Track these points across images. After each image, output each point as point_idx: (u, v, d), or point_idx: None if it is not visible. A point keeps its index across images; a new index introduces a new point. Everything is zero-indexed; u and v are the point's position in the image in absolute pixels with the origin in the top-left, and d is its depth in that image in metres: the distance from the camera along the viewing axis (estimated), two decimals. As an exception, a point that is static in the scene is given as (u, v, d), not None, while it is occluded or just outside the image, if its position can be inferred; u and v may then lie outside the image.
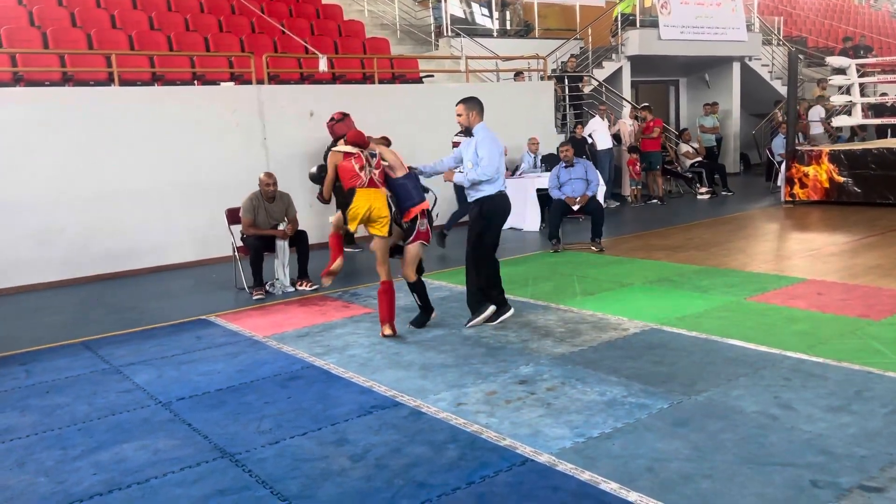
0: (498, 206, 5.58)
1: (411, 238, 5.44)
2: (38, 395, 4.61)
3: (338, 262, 5.49)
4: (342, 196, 5.43)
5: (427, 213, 5.48)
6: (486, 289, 5.64)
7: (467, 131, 5.60)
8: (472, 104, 5.55)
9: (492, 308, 5.61)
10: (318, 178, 5.70)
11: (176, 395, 4.46)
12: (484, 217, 5.55)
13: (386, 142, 6.14)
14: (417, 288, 5.60)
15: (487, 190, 5.51)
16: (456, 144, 9.92)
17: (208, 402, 4.32)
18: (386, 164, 5.47)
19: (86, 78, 9.01)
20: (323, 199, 5.54)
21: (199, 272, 8.43)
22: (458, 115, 5.55)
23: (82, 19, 9.82)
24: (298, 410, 4.12)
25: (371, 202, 5.26)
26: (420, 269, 5.62)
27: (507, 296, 6.02)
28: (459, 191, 8.94)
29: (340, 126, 5.83)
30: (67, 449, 3.76)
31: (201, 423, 4.01)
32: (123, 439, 3.85)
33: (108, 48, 9.23)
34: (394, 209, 5.37)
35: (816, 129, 13.85)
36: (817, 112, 13.98)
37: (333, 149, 5.53)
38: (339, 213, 5.44)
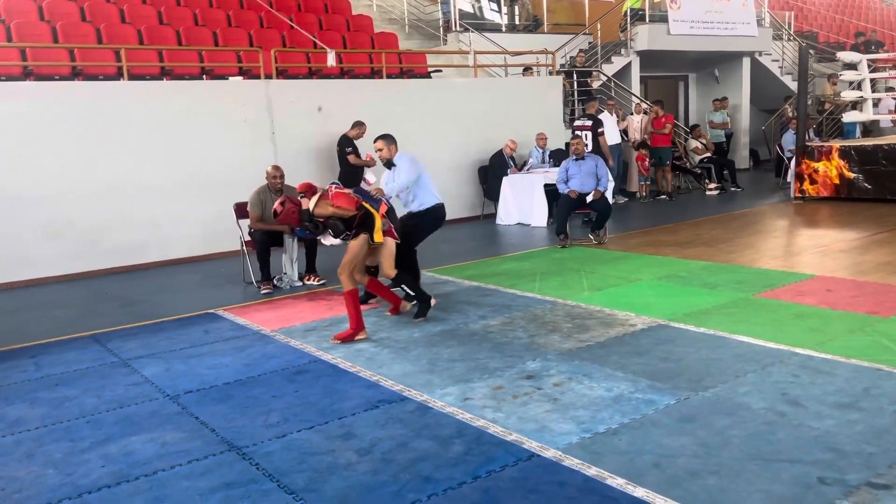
0: (433, 215, 6.38)
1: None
2: (47, 387, 4.64)
3: (361, 335, 5.34)
4: (357, 221, 5.51)
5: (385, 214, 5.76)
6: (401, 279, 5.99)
7: (388, 163, 6.19)
8: (389, 140, 6.17)
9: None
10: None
11: (184, 389, 4.48)
12: (421, 224, 6.32)
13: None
14: (404, 280, 5.73)
15: (429, 201, 6.27)
16: (578, 128, 10.85)
17: (216, 396, 4.34)
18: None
19: (95, 72, 9.04)
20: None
21: (208, 266, 8.46)
22: (380, 151, 6.14)
23: (92, 14, 9.85)
24: (305, 404, 4.13)
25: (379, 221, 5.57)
26: (374, 272, 5.94)
27: (513, 291, 6.10)
28: None
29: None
30: (76, 441, 3.79)
31: (209, 416, 4.03)
32: (131, 432, 3.87)
33: (118, 42, 9.26)
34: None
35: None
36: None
37: (316, 210, 5.62)
38: (355, 244, 5.44)
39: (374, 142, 6.21)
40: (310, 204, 5.57)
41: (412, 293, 5.75)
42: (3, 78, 8.51)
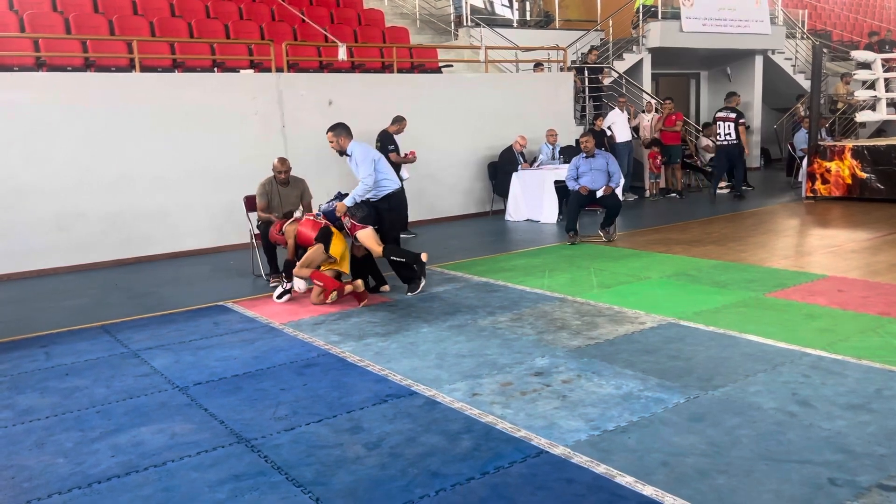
0: (397, 199, 6.69)
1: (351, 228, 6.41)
2: (57, 377, 4.66)
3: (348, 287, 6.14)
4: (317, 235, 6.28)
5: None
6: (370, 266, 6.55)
7: (342, 153, 6.41)
8: (339, 130, 6.33)
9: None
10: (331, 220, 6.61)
11: (193, 380, 4.50)
12: (391, 209, 6.60)
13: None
14: (392, 252, 6.34)
15: (389, 186, 6.50)
16: (721, 119, 11.78)
17: (225, 388, 4.35)
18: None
19: (107, 64, 9.06)
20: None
21: (217, 259, 8.48)
22: (331, 143, 6.37)
23: (104, 5, 9.88)
24: (314, 397, 4.13)
25: (343, 243, 6.35)
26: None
27: (522, 287, 6.10)
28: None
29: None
30: (86, 431, 3.81)
31: (218, 408, 4.04)
32: (141, 423, 3.89)
33: (130, 34, 9.28)
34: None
35: None
36: None
37: (286, 226, 6.50)
38: (314, 249, 6.19)
39: (326, 133, 6.39)
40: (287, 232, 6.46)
41: (402, 258, 6.25)
42: (16, 68, 8.54)
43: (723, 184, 13.15)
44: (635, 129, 12.88)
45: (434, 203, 10.82)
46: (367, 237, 6.31)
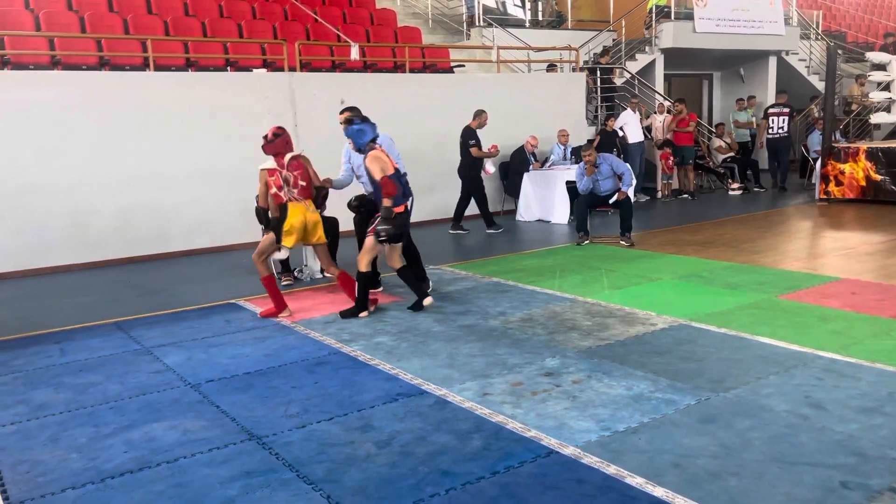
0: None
1: (369, 229, 5.76)
2: (71, 373, 4.70)
3: (285, 312, 5.85)
4: (274, 215, 5.84)
5: (398, 216, 5.71)
6: (374, 277, 6.21)
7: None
8: (356, 113, 5.99)
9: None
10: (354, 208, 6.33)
11: (205, 378, 4.53)
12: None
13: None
14: (404, 276, 5.90)
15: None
16: (773, 113, 12.50)
17: (236, 385, 4.37)
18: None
19: (121, 63, 9.13)
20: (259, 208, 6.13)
21: (229, 257, 8.53)
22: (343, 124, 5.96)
23: (119, 4, 9.95)
24: (325, 396, 4.15)
25: (305, 215, 5.74)
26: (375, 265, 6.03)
27: (533, 287, 6.09)
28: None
29: (268, 147, 5.80)
30: (100, 426, 3.84)
31: (229, 405, 4.06)
32: (154, 419, 3.91)
33: (144, 33, 9.34)
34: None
35: None
36: None
37: (261, 166, 5.92)
38: (266, 237, 5.83)
39: (340, 114, 6.10)
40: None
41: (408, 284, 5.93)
42: (31, 67, 8.62)
43: (735, 185, 13.09)
44: (647, 130, 12.84)
45: (445, 202, 10.81)
46: (369, 244, 5.76)
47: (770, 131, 13.18)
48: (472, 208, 11.12)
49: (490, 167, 9.81)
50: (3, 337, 5.56)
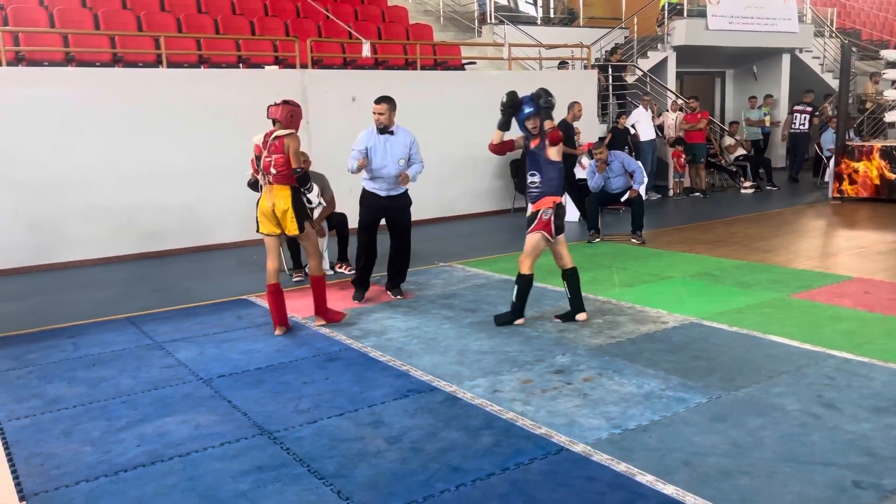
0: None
1: (532, 227, 5.27)
2: (84, 367, 4.74)
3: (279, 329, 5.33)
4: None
5: (558, 206, 5.27)
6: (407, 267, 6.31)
7: (384, 129, 5.90)
8: (393, 104, 5.92)
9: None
10: None
11: (217, 373, 4.55)
12: (409, 205, 6.19)
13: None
14: (569, 280, 5.40)
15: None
16: (798, 111, 12.87)
17: (248, 380, 4.40)
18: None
19: (134, 59, 9.18)
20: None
21: (241, 253, 8.56)
22: (380, 115, 5.83)
23: (132, 1, 10.00)
24: (336, 391, 4.17)
25: (273, 201, 5.16)
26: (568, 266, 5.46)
27: (544, 285, 6.10)
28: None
29: (272, 109, 5.33)
30: (112, 420, 3.87)
31: (241, 400, 4.09)
32: (166, 413, 3.94)
33: (157, 30, 9.39)
34: (308, 203, 5.35)
35: None
36: None
37: (254, 139, 5.47)
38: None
39: (376, 103, 5.85)
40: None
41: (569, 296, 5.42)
42: (45, 63, 8.68)
43: (747, 184, 13.02)
44: (659, 128, 12.79)
45: (456, 200, 10.83)
46: (531, 244, 5.30)
47: (793, 126, 13.98)
48: (494, 208, 11.14)
49: (585, 161, 9.69)
50: (17, 331, 5.61)
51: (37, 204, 7.88)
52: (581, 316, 5.37)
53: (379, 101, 5.86)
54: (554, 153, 5.21)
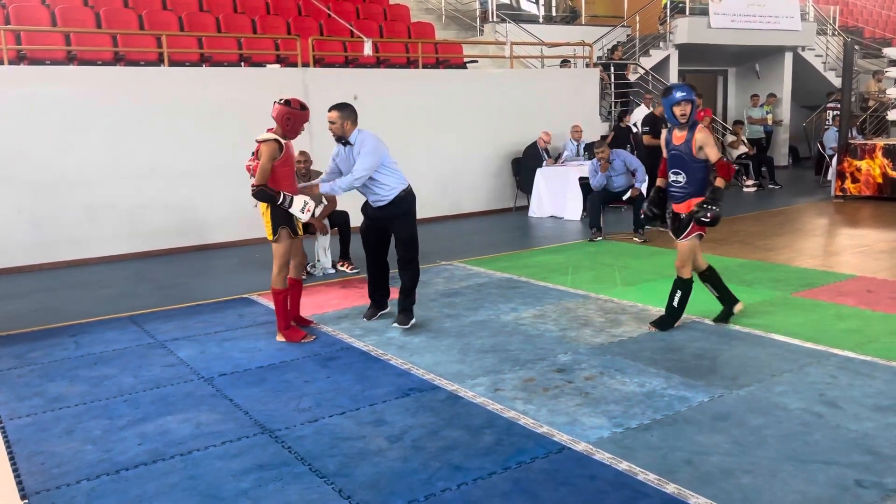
0: (412, 199, 5.34)
1: (686, 233, 4.95)
2: (86, 366, 4.74)
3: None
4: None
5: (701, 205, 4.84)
6: (411, 288, 5.37)
7: (339, 139, 5.30)
8: (348, 112, 5.28)
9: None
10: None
11: (218, 371, 4.55)
12: (409, 214, 5.29)
13: None
14: (710, 279, 5.17)
15: (399, 186, 5.22)
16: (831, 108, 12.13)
17: (249, 379, 4.40)
18: None
19: (136, 58, 9.18)
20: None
21: (243, 251, 8.56)
22: (331, 124, 5.26)
23: (134, 0, 10.00)
24: (337, 390, 4.16)
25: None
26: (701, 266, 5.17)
27: (545, 283, 6.05)
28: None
29: (273, 108, 5.19)
30: (114, 419, 3.87)
31: (242, 399, 4.09)
32: (167, 412, 3.94)
33: (159, 29, 9.39)
34: (287, 208, 4.99)
35: None
36: None
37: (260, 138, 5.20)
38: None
39: (328, 111, 5.31)
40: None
41: (717, 294, 5.13)
42: (47, 62, 8.68)
43: (749, 182, 13.00)
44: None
45: (458, 199, 10.82)
46: (683, 249, 5.01)
47: (826, 123, 14.20)
48: (496, 206, 11.13)
49: None
50: (19, 329, 5.61)
51: (39, 203, 7.89)
52: (738, 307, 5.16)
53: (330, 108, 5.33)
54: (708, 151, 4.74)
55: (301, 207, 4.98)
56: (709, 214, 4.73)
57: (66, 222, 8.04)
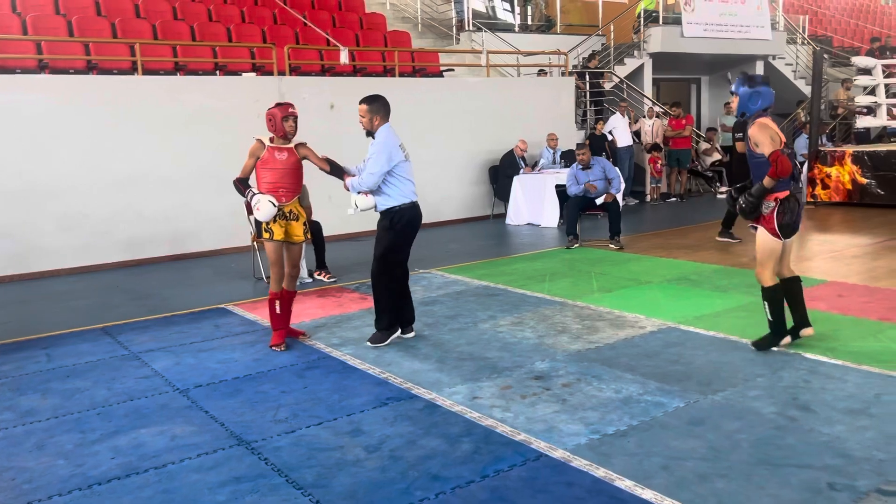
0: (408, 217, 5.05)
1: (753, 223, 4.65)
2: (58, 378, 4.67)
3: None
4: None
5: (782, 202, 4.53)
6: (394, 305, 5.13)
7: (369, 134, 5.07)
8: (377, 106, 5.01)
9: (397, 333, 5.18)
10: None
11: (193, 383, 4.50)
12: (393, 229, 5.02)
13: None
14: (786, 292, 4.66)
15: (399, 199, 4.99)
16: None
17: (225, 390, 4.36)
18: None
19: (109, 66, 9.09)
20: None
21: (219, 261, 8.49)
22: (361, 118, 5.03)
23: (107, 8, 9.90)
24: (314, 400, 4.14)
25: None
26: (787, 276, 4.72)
27: (523, 291, 6.04)
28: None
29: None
30: (86, 433, 3.81)
31: (218, 410, 4.05)
32: (141, 425, 3.89)
33: (132, 37, 9.31)
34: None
35: None
36: None
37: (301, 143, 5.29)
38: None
39: (359, 104, 5.08)
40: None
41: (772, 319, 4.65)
42: (18, 71, 8.56)
43: (723, 188, 13.16)
44: (636, 134, 12.91)
45: (435, 206, 10.82)
46: (758, 247, 4.65)
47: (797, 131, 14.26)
48: (473, 214, 11.15)
49: None
50: (-11, 343, 5.52)
51: (10, 212, 7.76)
52: (807, 331, 4.68)
53: (360, 101, 5.11)
54: (762, 146, 4.42)
55: (255, 203, 5.01)
56: (740, 200, 4.58)
57: (39, 232, 7.92)
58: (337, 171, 5.25)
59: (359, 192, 5.03)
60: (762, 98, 4.53)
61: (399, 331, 5.22)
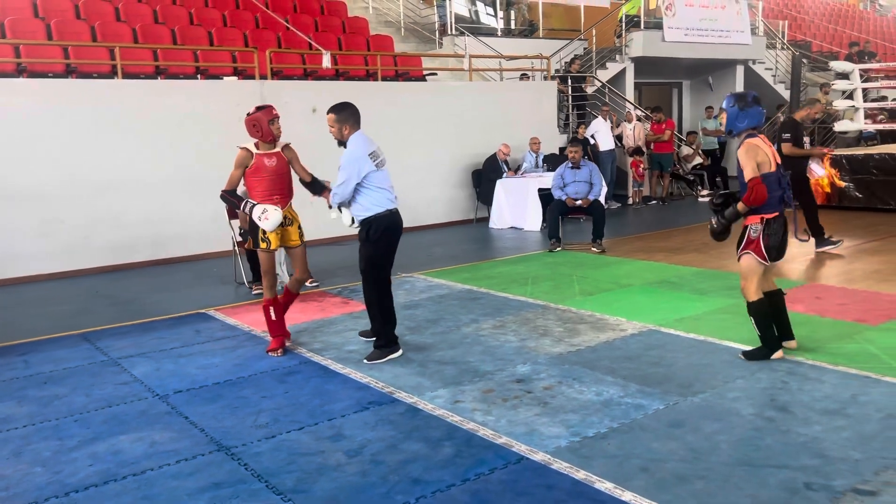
0: (383, 227, 4.83)
1: (741, 247, 4.69)
2: (36, 385, 4.62)
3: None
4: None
5: (769, 223, 4.56)
6: (389, 320, 4.96)
7: (341, 143, 4.91)
8: (345, 114, 4.85)
9: (398, 353, 4.93)
10: None
11: (173, 388, 4.47)
12: (370, 240, 4.84)
13: None
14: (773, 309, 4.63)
15: (373, 209, 4.80)
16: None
17: (205, 396, 4.33)
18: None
19: (89, 70, 9.01)
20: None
21: (200, 266, 8.44)
22: (330, 128, 4.88)
23: (87, 11, 9.82)
24: (295, 405, 4.13)
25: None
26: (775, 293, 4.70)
27: (505, 294, 6.03)
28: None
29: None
30: (64, 440, 3.77)
31: (198, 416, 4.02)
32: (120, 431, 3.86)
33: (112, 41, 9.23)
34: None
35: None
36: None
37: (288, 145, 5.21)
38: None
39: (327, 114, 4.93)
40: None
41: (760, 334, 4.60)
42: (-4, 74, 8.48)
43: (704, 192, 13.28)
44: (618, 138, 12.99)
45: (418, 211, 10.82)
46: (745, 268, 4.64)
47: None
48: (456, 218, 11.16)
49: (817, 169, 8.41)
50: (-35, 349, 5.45)
51: (-13, 218, 7.68)
52: (791, 344, 4.68)
53: (328, 110, 4.97)
54: (745, 169, 4.48)
55: (259, 214, 4.91)
56: (712, 221, 4.80)
57: (16, 238, 7.83)
58: (317, 187, 5.27)
59: (338, 205, 4.94)
60: (749, 118, 4.57)
61: (400, 351, 4.93)
